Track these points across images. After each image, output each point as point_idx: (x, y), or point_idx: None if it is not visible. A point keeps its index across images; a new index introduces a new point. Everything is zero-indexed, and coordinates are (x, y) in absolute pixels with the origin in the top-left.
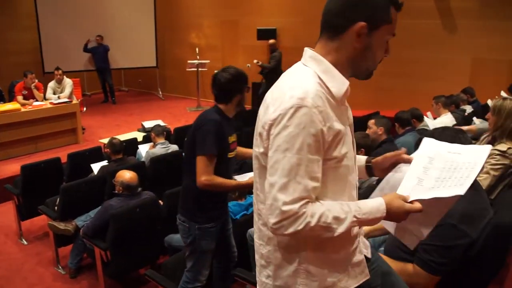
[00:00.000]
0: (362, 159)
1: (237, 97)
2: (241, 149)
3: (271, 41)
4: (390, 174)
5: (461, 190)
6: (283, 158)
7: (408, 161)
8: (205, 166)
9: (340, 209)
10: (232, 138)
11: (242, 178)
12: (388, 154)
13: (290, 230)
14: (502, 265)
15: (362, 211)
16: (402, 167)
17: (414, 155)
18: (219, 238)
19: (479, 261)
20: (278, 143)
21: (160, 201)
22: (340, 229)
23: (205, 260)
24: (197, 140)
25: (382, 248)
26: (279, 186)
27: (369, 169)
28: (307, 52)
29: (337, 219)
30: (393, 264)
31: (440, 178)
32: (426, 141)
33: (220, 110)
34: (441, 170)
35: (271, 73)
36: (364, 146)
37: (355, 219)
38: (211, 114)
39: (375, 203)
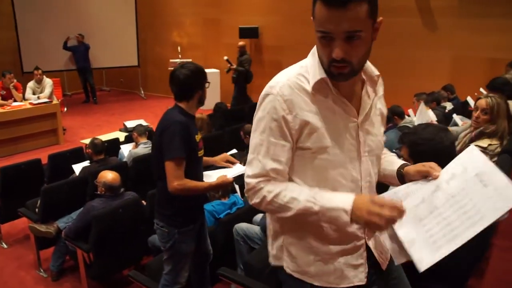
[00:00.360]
0: (396, 164)
1: (198, 94)
2: (204, 158)
3: (241, 43)
4: (404, 186)
5: (423, 264)
6: (252, 138)
7: (436, 178)
8: (175, 170)
9: (304, 192)
10: (199, 136)
11: (209, 177)
12: (421, 169)
13: (253, 201)
14: (481, 259)
15: (323, 196)
16: (419, 183)
17: (445, 168)
18: (197, 238)
19: (459, 255)
20: (252, 125)
21: (143, 201)
22: (296, 207)
23: (185, 262)
24: (164, 143)
25: None
26: (247, 161)
27: (400, 176)
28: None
29: (295, 200)
30: None
31: (433, 214)
32: (467, 153)
33: (183, 110)
34: (445, 201)
35: (242, 76)
36: None
37: (313, 199)
38: (175, 115)
39: (342, 194)
